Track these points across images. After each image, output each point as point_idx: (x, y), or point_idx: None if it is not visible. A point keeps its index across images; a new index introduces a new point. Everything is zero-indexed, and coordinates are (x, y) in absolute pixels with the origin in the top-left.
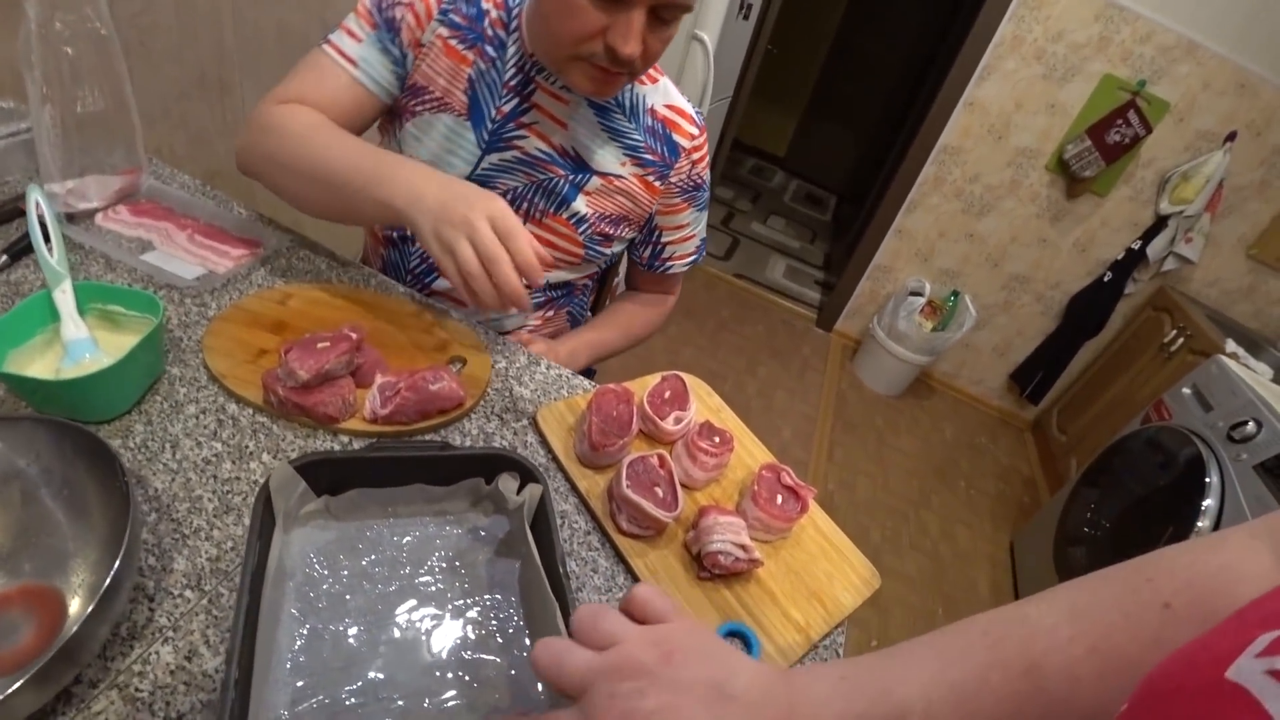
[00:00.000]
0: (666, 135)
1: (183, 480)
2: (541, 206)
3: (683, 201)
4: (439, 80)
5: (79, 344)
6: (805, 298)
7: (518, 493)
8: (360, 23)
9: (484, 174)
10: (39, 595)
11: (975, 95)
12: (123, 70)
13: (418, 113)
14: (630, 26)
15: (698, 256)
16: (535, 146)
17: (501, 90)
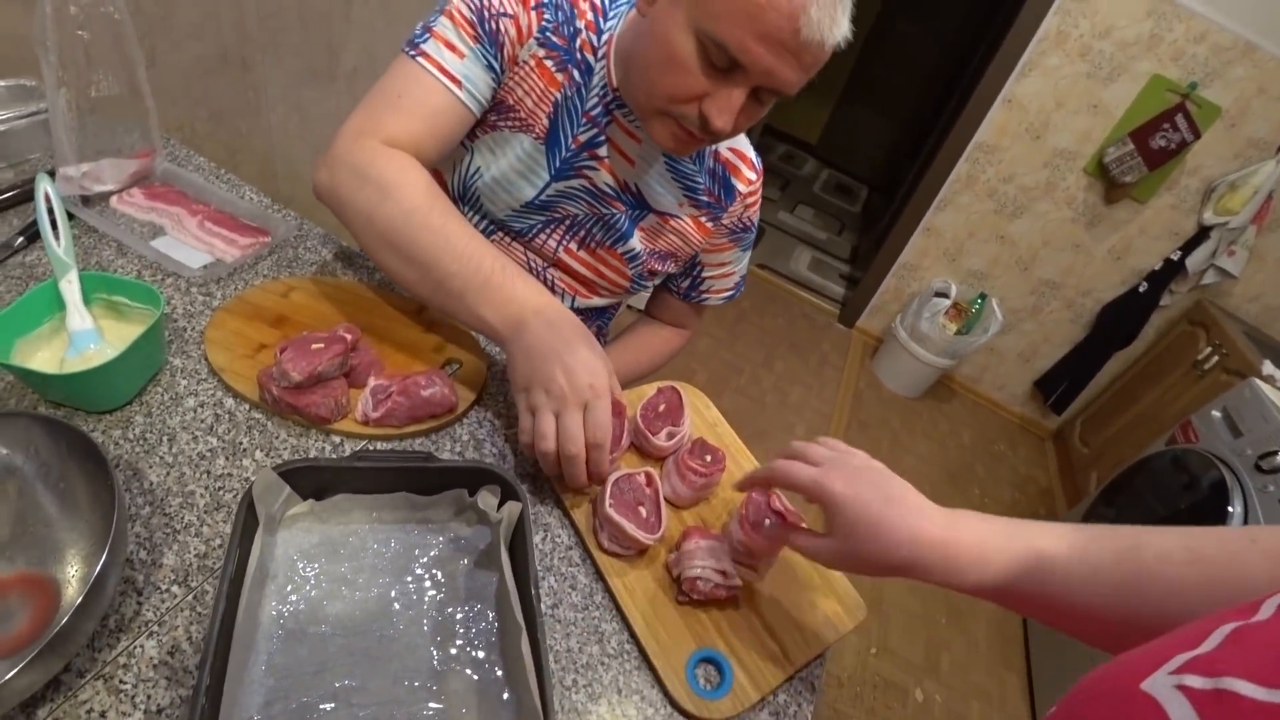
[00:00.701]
0: (725, 178)
1: (177, 474)
2: (599, 237)
3: (729, 242)
4: (527, 101)
5: (83, 335)
6: (829, 292)
7: (498, 508)
8: (460, 34)
9: (549, 199)
10: (35, 584)
11: (1014, 92)
12: (137, 54)
13: (497, 128)
14: (729, 100)
15: (734, 293)
16: (603, 180)
17: (581, 119)
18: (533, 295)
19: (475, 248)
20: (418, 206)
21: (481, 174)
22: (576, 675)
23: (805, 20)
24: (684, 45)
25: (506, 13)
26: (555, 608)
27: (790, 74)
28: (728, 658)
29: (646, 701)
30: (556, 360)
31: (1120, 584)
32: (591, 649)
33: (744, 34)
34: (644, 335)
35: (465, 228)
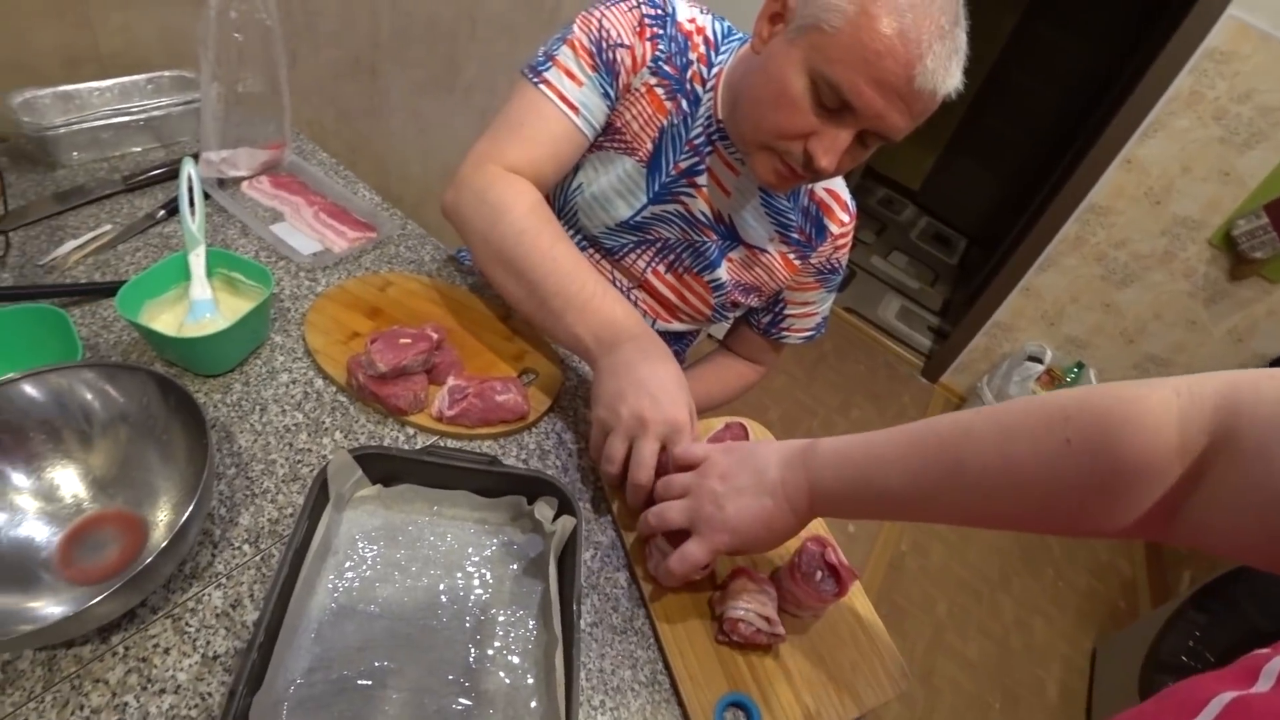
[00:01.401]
0: (818, 218)
1: (263, 443)
2: (687, 263)
3: (815, 282)
4: (634, 125)
5: (202, 304)
6: (915, 343)
7: (553, 520)
8: (579, 62)
9: (644, 220)
10: (128, 521)
11: (1136, 153)
12: (281, 57)
13: (604, 148)
14: (835, 141)
15: (814, 334)
16: (699, 208)
17: (684, 147)
18: (630, 320)
19: (579, 270)
20: (528, 228)
21: (582, 190)
22: (605, 697)
23: (921, 69)
24: (797, 84)
25: (623, 43)
26: (594, 626)
27: (898, 120)
28: (758, 705)
29: None
30: (643, 388)
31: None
32: (624, 673)
33: (858, 78)
34: (719, 366)
35: (572, 250)
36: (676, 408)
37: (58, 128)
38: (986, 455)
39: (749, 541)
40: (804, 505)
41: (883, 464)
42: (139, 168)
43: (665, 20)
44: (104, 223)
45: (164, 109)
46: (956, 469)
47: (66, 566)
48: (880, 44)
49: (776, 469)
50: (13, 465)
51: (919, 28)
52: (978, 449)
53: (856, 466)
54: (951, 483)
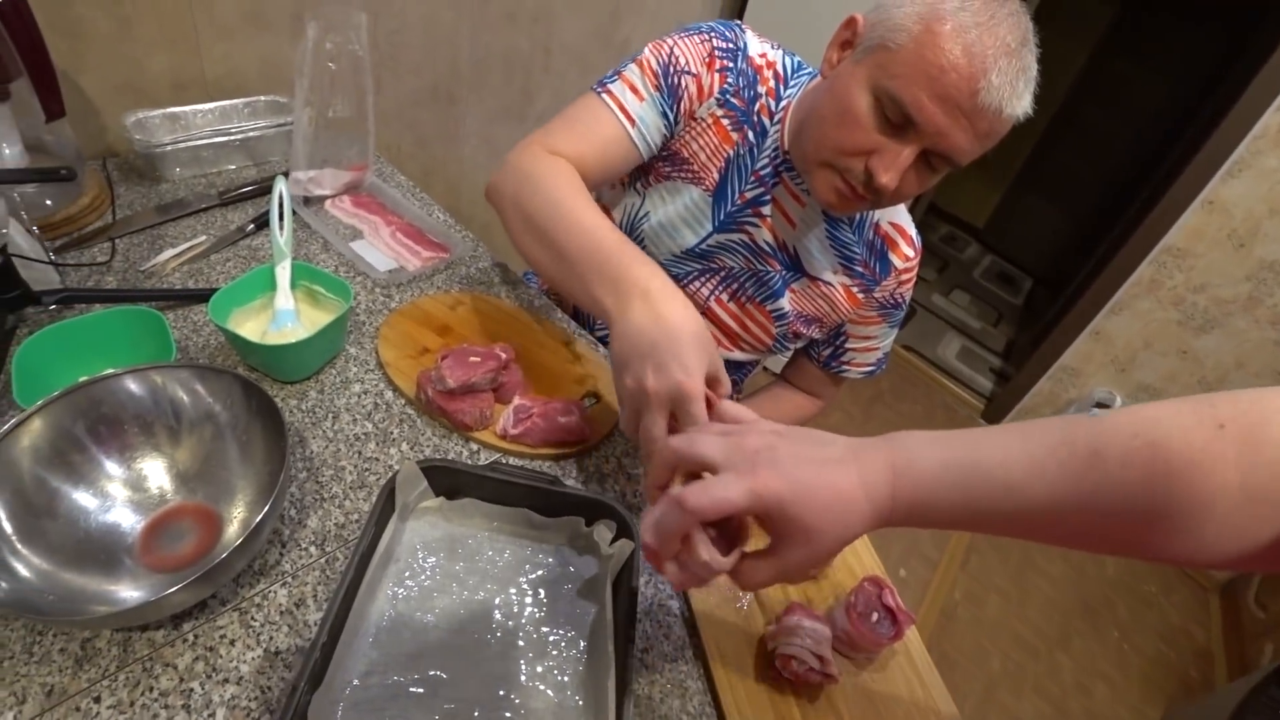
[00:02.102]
0: (883, 252)
1: (334, 449)
2: (750, 292)
3: (878, 316)
4: (700, 155)
5: (285, 313)
6: (975, 384)
7: (611, 543)
8: (644, 79)
9: (709, 249)
10: (205, 515)
11: (1218, 193)
12: (369, 85)
13: (671, 178)
14: (897, 158)
15: (875, 369)
16: (763, 238)
17: (750, 177)
18: (645, 276)
19: (601, 230)
20: (561, 197)
21: (649, 218)
22: None
23: (985, 85)
24: (860, 100)
25: (690, 71)
26: (645, 653)
27: (963, 139)
28: None
29: None
30: (650, 352)
31: (1084, 499)
32: (672, 702)
33: (921, 92)
34: (776, 397)
35: (597, 214)
36: (684, 372)
37: (165, 145)
38: (1128, 444)
39: (806, 499)
40: (882, 492)
41: (997, 448)
42: (233, 184)
43: (736, 54)
44: (199, 234)
45: (258, 131)
46: (1092, 462)
47: (146, 553)
48: (944, 58)
49: (847, 441)
50: (108, 454)
51: (983, 44)
52: (1116, 437)
53: (964, 445)
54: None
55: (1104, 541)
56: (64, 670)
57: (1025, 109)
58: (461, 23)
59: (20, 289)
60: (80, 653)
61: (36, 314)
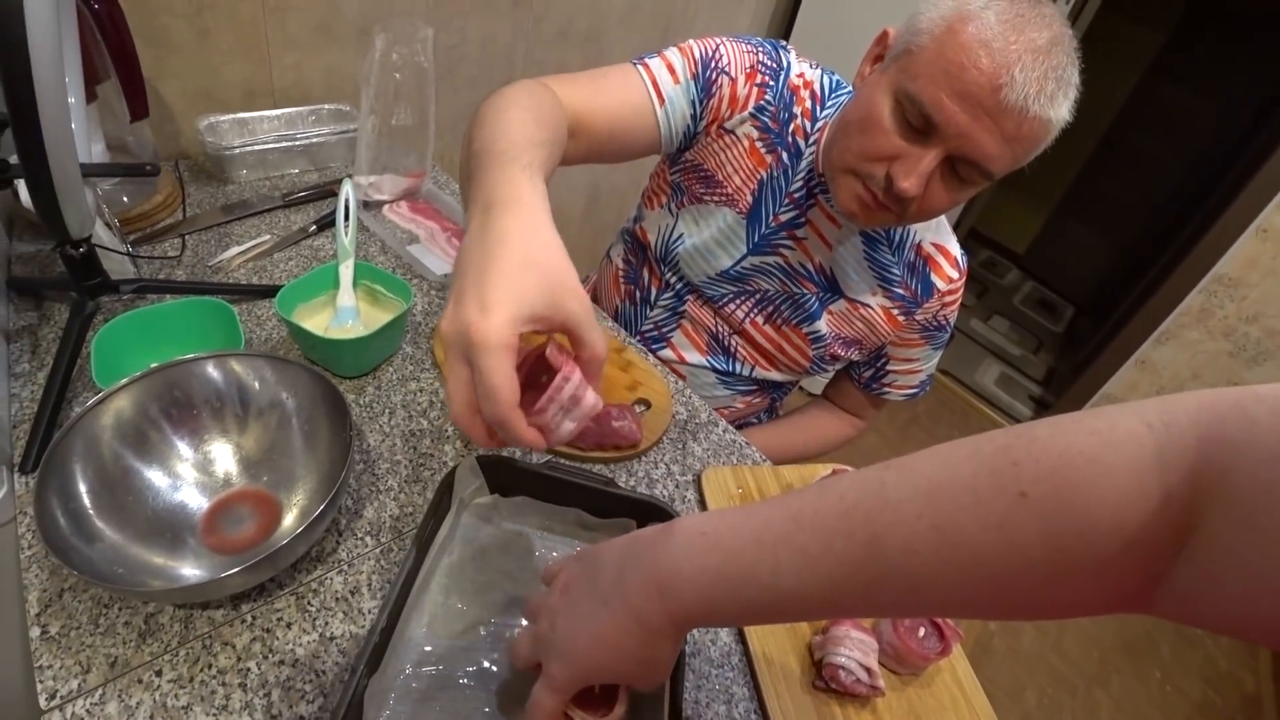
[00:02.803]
0: (925, 273)
1: (390, 443)
2: (786, 314)
3: (920, 339)
4: (735, 178)
5: (346, 310)
6: (1014, 411)
7: None
8: (684, 64)
9: (743, 271)
10: (266, 501)
11: (1272, 221)
12: (431, 96)
13: (705, 201)
14: (918, 163)
15: (919, 392)
16: (798, 260)
17: (784, 199)
18: (501, 183)
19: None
20: (518, 101)
21: (683, 240)
22: None
23: (1007, 80)
24: (882, 105)
25: (729, 73)
26: (692, 657)
27: (988, 141)
28: None
29: None
30: (458, 277)
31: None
32: (719, 707)
33: (940, 91)
34: (815, 417)
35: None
36: (479, 308)
37: (234, 148)
38: (912, 527)
39: (591, 670)
40: (655, 612)
41: (766, 546)
42: (295, 187)
43: (779, 74)
44: (263, 233)
45: (321, 137)
46: (872, 550)
47: (209, 534)
48: (963, 55)
49: (614, 565)
50: (180, 436)
51: (1006, 40)
52: (898, 519)
53: (727, 552)
54: (867, 571)
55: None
56: (128, 643)
57: (1060, 115)
58: (518, 40)
59: (101, 277)
60: (144, 626)
61: (112, 302)
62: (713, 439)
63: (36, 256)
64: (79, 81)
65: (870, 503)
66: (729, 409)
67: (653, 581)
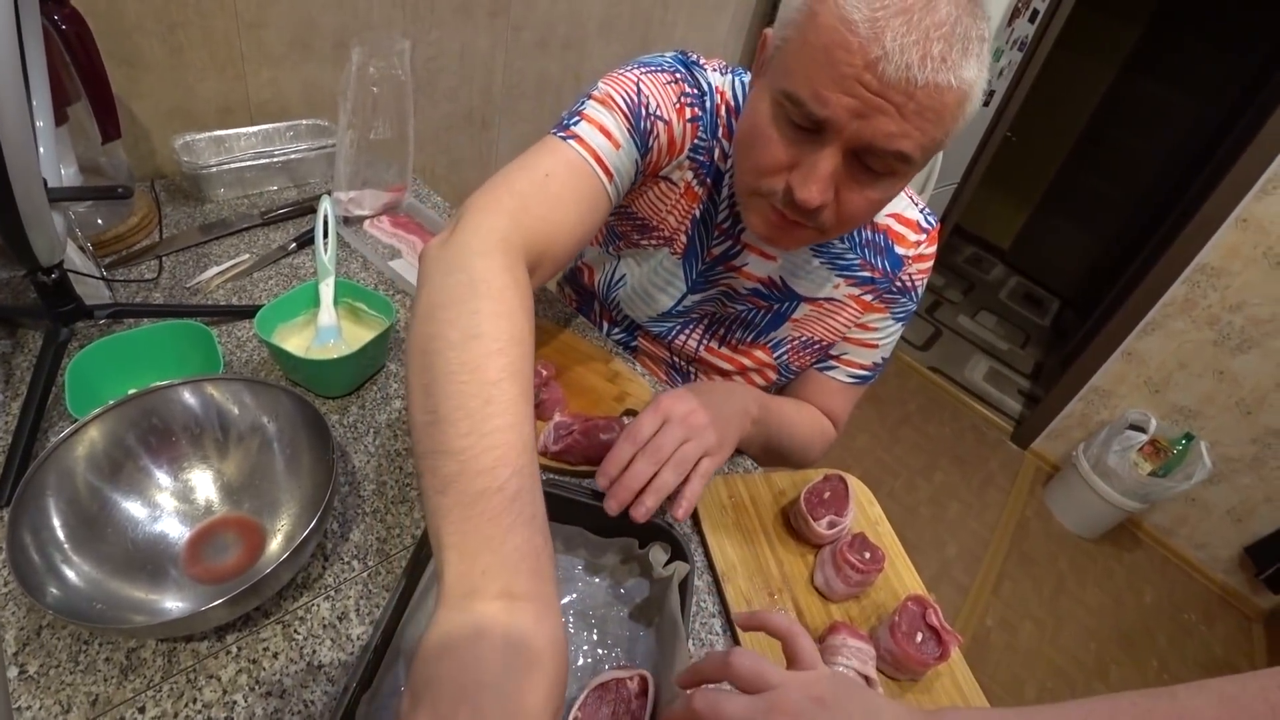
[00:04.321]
0: (888, 247)
1: (375, 464)
2: (739, 335)
3: (881, 304)
4: (670, 219)
5: (328, 330)
6: (1004, 406)
7: (665, 565)
8: (618, 124)
9: (685, 308)
10: (250, 527)
11: (1252, 211)
12: (410, 109)
13: (642, 246)
14: (815, 169)
15: (871, 375)
16: (742, 285)
17: (714, 232)
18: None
19: (509, 441)
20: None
21: (625, 282)
22: None
23: (880, 54)
24: (764, 113)
25: (662, 117)
26: None
27: (884, 122)
28: None
29: None
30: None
31: None
32: None
33: (814, 82)
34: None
35: (519, 408)
36: None
37: (211, 167)
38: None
39: None
40: None
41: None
42: (274, 204)
43: (704, 99)
44: (242, 252)
45: (299, 153)
46: None
47: (192, 565)
48: (828, 38)
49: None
50: (157, 464)
51: (870, 9)
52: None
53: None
54: None
55: None
56: (109, 680)
57: (965, 76)
58: (496, 50)
59: (74, 303)
60: (125, 662)
61: (87, 328)
62: None
63: (10, 283)
64: (47, 104)
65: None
66: None
67: None
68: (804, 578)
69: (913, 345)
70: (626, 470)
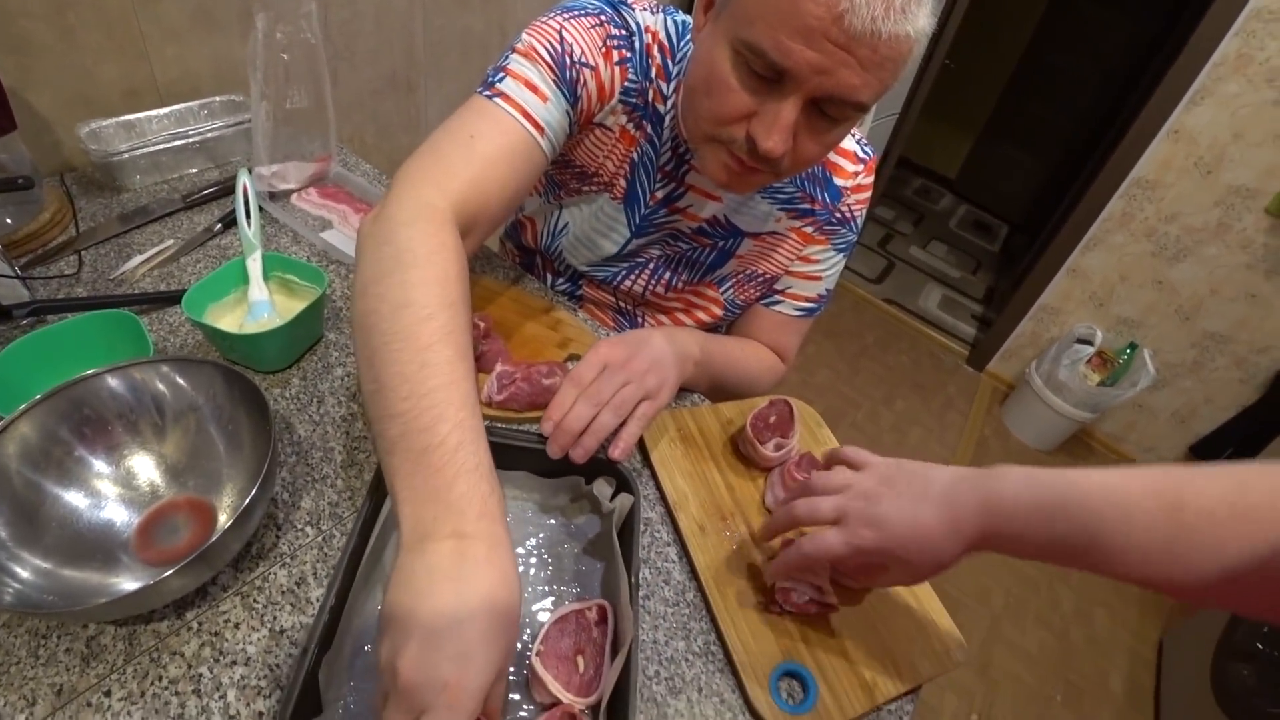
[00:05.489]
0: (826, 179)
1: (321, 432)
2: (685, 276)
3: (822, 235)
4: (608, 165)
5: (260, 305)
6: (959, 332)
7: (611, 499)
8: (543, 76)
9: (630, 252)
10: (198, 507)
11: (1182, 122)
12: (325, 74)
13: (582, 193)
14: (778, 117)
15: (816, 308)
16: (687, 227)
17: (656, 174)
18: (473, 503)
19: (446, 399)
20: (419, 304)
21: (568, 230)
22: (660, 667)
23: (848, 7)
24: (723, 60)
25: (588, 63)
26: (647, 599)
27: (849, 76)
28: (814, 674)
29: (726, 705)
30: (427, 621)
31: (1163, 546)
32: (677, 644)
33: (779, 33)
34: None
35: (455, 368)
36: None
37: (121, 154)
38: (1212, 496)
39: (895, 545)
40: (972, 527)
41: (1082, 489)
42: (196, 187)
43: (632, 40)
44: (166, 238)
45: (217, 131)
46: (1175, 509)
47: (144, 549)
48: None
49: (947, 480)
50: (94, 453)
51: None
52: (1201, 488)
53: (1046, 488)
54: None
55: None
56: (71, 669)
57: (919, 26)
58: (414, 8)
59: None
60: (86, 650)
61: (9, 329)
62: None
63: None
64: None
65: (1182, 476)
66: None
67: (983, 500)
68: (755, 500)
69: (866, 279)
70: (567, 414)
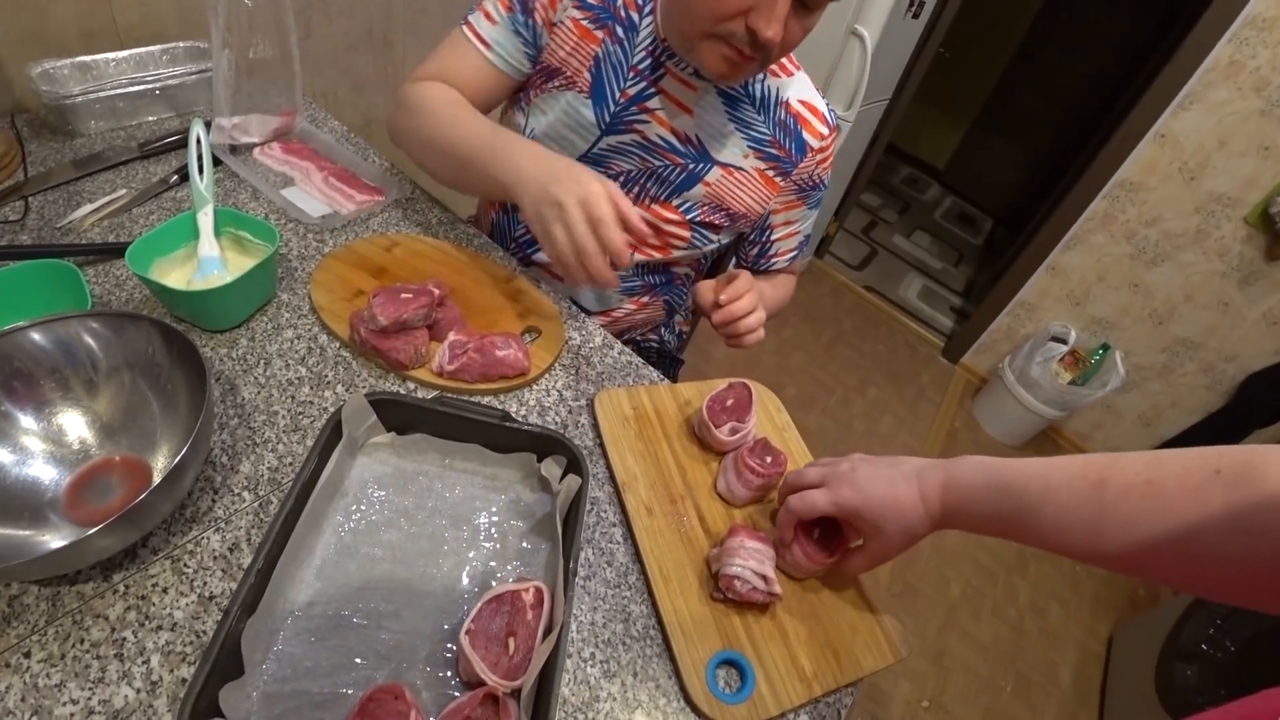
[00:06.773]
0: (796, 131)
1: (266, 395)
2: (653, 192)
3: (798, 199)
4: (571, 61)
5: (209, 261)
6: (936, 323)
7: (560, 479)
8: (497, 5)
9: (599, 154)
10: (133, 466)
11: (1170, 126)
12: (290, 23)
13: (546, 90)
14: (775, 8)
15: (798, 253)
16: (656, 132)
17: (628, 73)
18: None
19: (488, 128)
20: (440, 104)
21: (533, 133)
22: (595, 649)
23: None
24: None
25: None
26: (588, 580)
27: None
28: (753, 664)
29: (660, 691)
30: (551, 179)
31: (1086, 521)
32: (616, 626)
33: None
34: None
35: (479, 119)
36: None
37: (75, 97)
38: (1130, 475)
39: (873, 505)
40: (935, 501)
41: (1022, 473)
42: (154, 135)
43: None
44: (119, 188)
45: (178, 78)
46: (1099, 485)
47: (74, 509)
48: None
49: (917, 463)
50: (22, 409)
51: None
52: (1123, 468)
53: (994, 471)
54: (1092, 498)
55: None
56: None
57: None
58: None
59: None
60: (7, 609)
61: None
62: (608, 362)
63: None
64: None
65: (1106, 460)
66: (623, 313)
67: (943, 479)
68: (707, 484)
69: (848, 265)
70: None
